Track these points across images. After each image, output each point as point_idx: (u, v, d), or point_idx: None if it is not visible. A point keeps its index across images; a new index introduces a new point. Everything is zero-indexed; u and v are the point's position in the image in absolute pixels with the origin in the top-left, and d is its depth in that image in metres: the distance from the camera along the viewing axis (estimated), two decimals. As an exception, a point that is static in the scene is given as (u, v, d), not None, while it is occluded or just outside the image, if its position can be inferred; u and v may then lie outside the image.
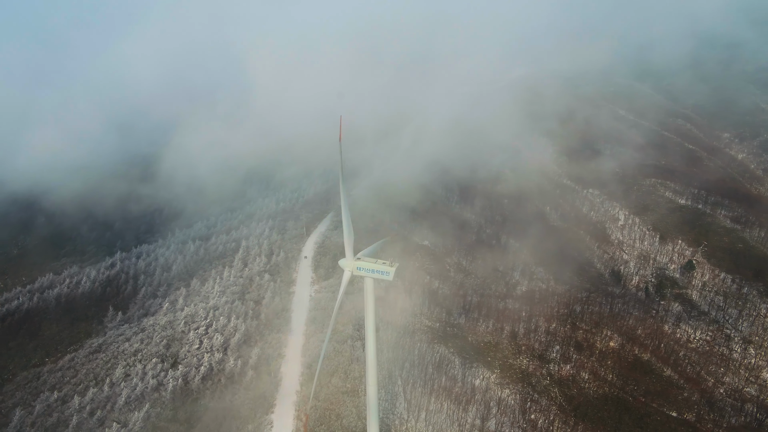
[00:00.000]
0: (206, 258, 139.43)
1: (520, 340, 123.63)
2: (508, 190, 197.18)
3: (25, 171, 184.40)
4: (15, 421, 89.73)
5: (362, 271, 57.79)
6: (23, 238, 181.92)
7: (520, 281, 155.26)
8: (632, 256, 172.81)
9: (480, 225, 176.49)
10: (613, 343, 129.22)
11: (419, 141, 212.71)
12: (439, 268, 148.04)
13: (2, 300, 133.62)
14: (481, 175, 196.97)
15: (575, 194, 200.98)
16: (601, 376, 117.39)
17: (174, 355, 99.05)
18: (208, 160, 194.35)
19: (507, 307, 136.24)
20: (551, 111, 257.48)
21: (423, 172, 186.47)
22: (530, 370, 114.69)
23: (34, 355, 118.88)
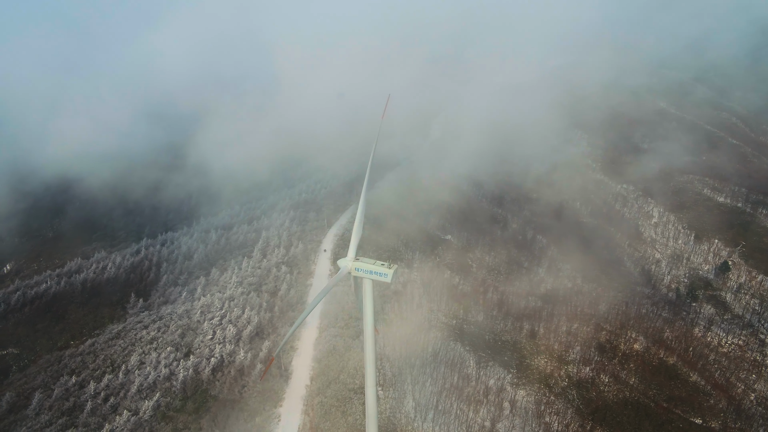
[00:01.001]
0: (227, 247, 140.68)
1: (539, 340, 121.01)
2: (537, 184, 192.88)
3: (57, 159, 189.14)
4: (34, 404, 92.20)
5: (360, 272, 56.48)
6: (58, 222, 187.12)
7: (544, 278, 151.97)
8: (664, 255, 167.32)
9: (506, 219, 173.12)
10: (638, 346, 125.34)
11: (448, 133, 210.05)
12: (461, 263, 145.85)
13: (32, 283, 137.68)
14: (509, 168, 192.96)
15: (608, 189, 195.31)
16: (623, 379, 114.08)
17: (188, 344, 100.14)
18: (236, 149, 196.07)
19: (528, 305, 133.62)
20: (588, 103, 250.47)
21: (450, 165, 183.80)
22: (548, 371, 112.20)
23: (59, 338, 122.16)
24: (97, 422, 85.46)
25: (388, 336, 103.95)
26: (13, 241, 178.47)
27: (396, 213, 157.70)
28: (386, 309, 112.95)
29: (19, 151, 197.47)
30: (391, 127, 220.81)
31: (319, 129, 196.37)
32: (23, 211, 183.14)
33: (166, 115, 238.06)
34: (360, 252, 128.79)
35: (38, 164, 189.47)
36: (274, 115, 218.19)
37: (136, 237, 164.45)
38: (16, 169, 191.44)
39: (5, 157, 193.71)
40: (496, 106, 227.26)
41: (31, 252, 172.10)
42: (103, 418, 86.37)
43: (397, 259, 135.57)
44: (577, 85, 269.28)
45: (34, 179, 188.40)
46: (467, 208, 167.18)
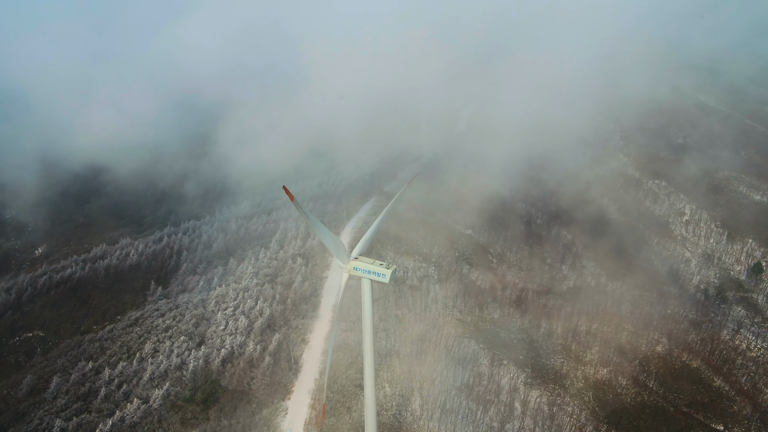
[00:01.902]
0: (246, 237, 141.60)
1: (556, 339, 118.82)
2: (565, 179, 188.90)
3: (85, 149, 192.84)
4: (52, 388, 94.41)
5: (358, 272, 55.64)
6: (88, 207, 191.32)
7: (567, 276, 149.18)
8: (695, 254, 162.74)
9: (531, 214, 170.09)
10: (660, 348, 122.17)
11: (475, 127, 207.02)
12: (481, 258, 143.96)
13: (59, 267, 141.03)
14: (536, 162, 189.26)
15: (639, 185, 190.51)
16: (642, 382, 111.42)
17: (201, 334, 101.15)
18: (260, 139, 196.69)
19: (548, 302, 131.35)
20: (625, 96, 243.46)
21: (475, 159, 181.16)
22: (564, 372, 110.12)
23: (82, 322, 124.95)
24: (109, 408, 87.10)
25: (400, 332, 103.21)
26: (45, 225, 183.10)
27: (416, 206, 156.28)
28: (400, 304, 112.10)
29: (47, 140, 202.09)
30: (416, 118, 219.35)
31: (344, 121, 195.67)
32: (54, 197, 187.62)
33: (193, 105, 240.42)
34: (378, 244, 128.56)
35: (66, 153, 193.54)
36: (299, 106, 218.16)
37: (161, 224, 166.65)
38: (45, 157, 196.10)
39: (35, 145, 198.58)
40: (525, 99, 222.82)
41: (62, 236, 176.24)
42: (116, 404, 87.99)
43: (415, 253, 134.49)
44: (616, 78, 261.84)
45: (63, 167, 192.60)
46: (490, 203, 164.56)
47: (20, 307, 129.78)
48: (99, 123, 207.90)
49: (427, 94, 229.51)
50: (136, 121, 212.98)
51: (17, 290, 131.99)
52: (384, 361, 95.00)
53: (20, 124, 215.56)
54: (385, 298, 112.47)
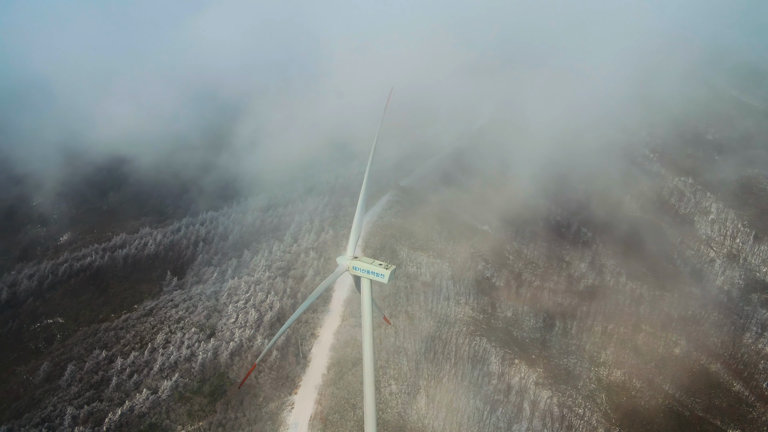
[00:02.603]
0: (261, 230, 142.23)
1: (570, 339, 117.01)
2: (587, 174, 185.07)
3: (106, 141, 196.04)
4: (66, 375, 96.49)
5: (357, 271, 55.32)
6: (112, 196, 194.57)
7: (586, 274, 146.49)
8: (719, 254, 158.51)
9: (550, 210, 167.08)
10: (678, 350, 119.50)
11: (497, 121, 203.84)
12: (497, 254, 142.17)
13: (80, 255, 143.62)
14: (557, 157, 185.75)
15: (664, 182, 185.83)
16: (657, 384, 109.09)
17: (212, 326, 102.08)
18: (280, 132, 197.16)
19: (564, 301, 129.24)
20: (654, 89, 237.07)
21: (494, 153, 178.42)
22: (577, 372, 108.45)
23: (101, 310, 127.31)
24: (120, 397, 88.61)
25: (409, 328, 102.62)
26: (70, 213, 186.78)
27: (431, 201, 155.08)
28: (411, 300, 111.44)
29: (70, 131, 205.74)
30: (436, 112, 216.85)
31: (363, 114, 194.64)
32: (78, 187, 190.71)
33: (212, 98, 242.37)
34: (392, 239, 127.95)
35: (89, 144, 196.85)
36: (318, 99, 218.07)
37: (181, 215, 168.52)
38: (69, 147, 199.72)
39: (59, 136, 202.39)
40: (549, 94, 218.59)
41: (86, 224, 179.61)
42: (126, 394, 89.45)
43: (429, 248, 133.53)
44: (647, 73, 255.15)
45: (86, 157, 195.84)
46: (510, 199, 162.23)
47: (42, 293, 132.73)
48: (120, 115, 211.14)
49: (447, 89, 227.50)
50: (157, 114, 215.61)
51: (39, 277, 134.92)
52: (392, 359, 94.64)
53: (44, 115, 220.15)
54: (396, 294, 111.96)
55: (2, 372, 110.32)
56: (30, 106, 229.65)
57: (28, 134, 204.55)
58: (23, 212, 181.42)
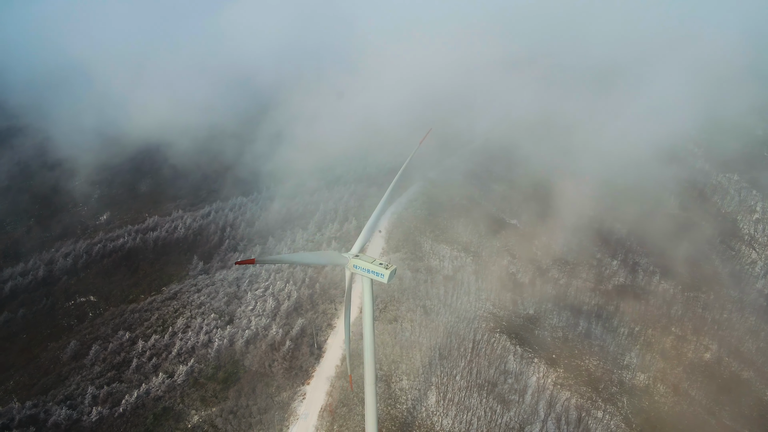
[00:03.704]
0: (287, 217, 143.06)
1: (594, 339, 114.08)
2: (623, 168, 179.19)
3: (146, 126, 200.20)
4: (91, 355, 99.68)
5: (358, 270, 54.70)
6: (150, 179, 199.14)
7: (617, 272, 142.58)
8: (762, 256, 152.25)
9: (583, 205, 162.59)
10: (708, 355, 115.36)
11: (531, 112, 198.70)
12: (525, 250, 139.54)
13: (114, 236, 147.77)
14: (594, 146, 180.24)
15: (706, 179, 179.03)
16: (683, 390, 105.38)
17: (231, 313, 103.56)
18: (314, 120, 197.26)
19: (590, 300, 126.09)
20: (705, 81, 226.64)
21: (526, 145, 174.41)
22: (598, 374, 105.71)
23: (130, 291, 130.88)
24: (138, 380, 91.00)
25: (426, 323, 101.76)
26: (110, 193, 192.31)
27: (460, 193, 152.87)
28: (431, 294, 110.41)
29: (107, 117, 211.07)
30: (467, 102, 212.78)
31: (396, 104, 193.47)
32: (117, 169, 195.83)
33: (247, 86, 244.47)
34: (416, 231, 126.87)
35: (126, 130, 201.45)
36: (352, 88, 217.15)
37: (214, 199, 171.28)
38: (106, 132, 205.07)
39: (96, 122, 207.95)
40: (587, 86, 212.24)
41: (123, 205, 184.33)
42: (145, 376, 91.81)
43: (453, 241, 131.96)
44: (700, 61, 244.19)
45: (124, 142, 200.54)
46: (541, 191, 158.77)
47: (76, 272, 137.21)
48: (157, 102, 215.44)
49: (483, 80, 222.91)
50: (192, 102, 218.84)
51: (74, 256, 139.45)
52: (406, 353, 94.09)
53: (83, 101, 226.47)
54: (416, 287, 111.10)
55: (35, 347, 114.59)
56: (69, 91, 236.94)
57: (68, 119, 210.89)
58: (65, 192, 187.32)
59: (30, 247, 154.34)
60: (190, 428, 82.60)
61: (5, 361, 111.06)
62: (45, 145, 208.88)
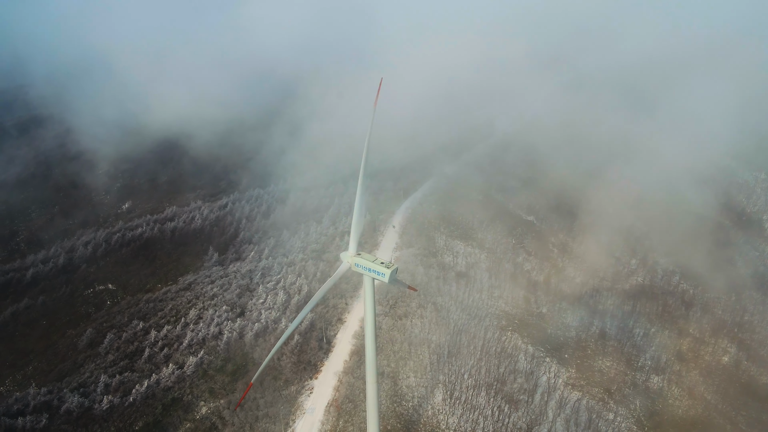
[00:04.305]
0: (302, 210, 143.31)
1: (608, 340, 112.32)
2: (646, 165, 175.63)
3: (166, 119, 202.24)
4: (105, 343, 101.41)
5: (359, 268, 54.55)
6: (171, 169, 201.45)
7: (636, 271, 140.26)
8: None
9: (602, 202, 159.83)
10: (726, 358, 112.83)
11: (552, 107, 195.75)
12: (541, 247, 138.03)
13: (133, 225, 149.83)
14: (616, 146, 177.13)
15: (731, 177, 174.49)
16: (699, 394, 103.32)
17: (242, 305, 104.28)
18: (332, 113, 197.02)
19: (606, 300, 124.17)
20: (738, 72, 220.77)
21: (545, 140, 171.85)
22: (611, 375, 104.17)
23: (147, 281, 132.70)
24: (149, 369, 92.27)
25: (436, 320, 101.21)
26: (132, 183, 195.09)
27: (476, 188, 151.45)
28: (443, 291, 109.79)
29: (130, 108, 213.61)
30: (491, 98, 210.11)
31: (417, 97, 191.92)
32: (139, 159, 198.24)
33: (268, 79, 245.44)
34: (430, 226, 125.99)
35: (148, 121, 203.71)
36: (371, 81, 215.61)
37: (232, 190, 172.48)
38: (129, 123, 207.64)
39: (119, 113, 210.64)
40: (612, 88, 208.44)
41: (145, 195, 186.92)
42: (156, 366, 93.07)
43: (468, 237, 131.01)
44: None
45: (146, 133, 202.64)
46: (560, 188, 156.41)
47: (96, 260, 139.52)
48: (179, 94, 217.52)
49: (504, 77, 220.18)
50: (213, 95, 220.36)
51: (94, 245, 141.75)
52: (414, 350, 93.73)
53: (106, 91, 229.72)
54: (427, 283, 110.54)
55: (54, 334, 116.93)
56: (91, 83, 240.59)
57: (90, 110, 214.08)
58: (88, 182, 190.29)
59: (53, 234, 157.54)
60: (198, 419, 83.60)
61: (25, 346, 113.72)
62: (68, 135, 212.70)
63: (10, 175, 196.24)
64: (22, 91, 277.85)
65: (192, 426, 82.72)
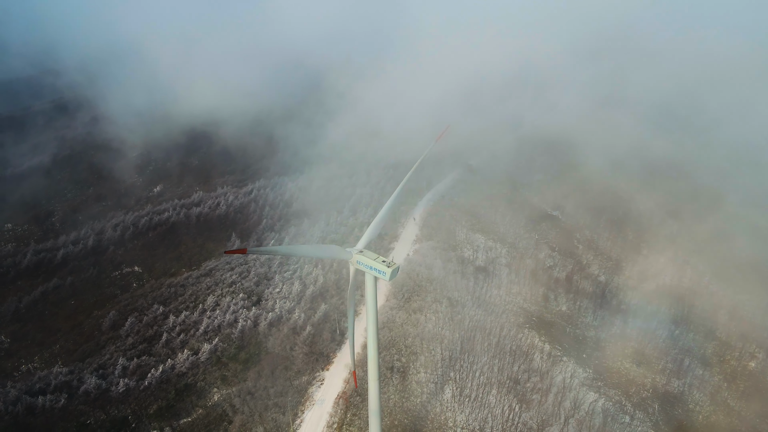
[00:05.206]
0: (324, 199, 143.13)
1: (628, 341, 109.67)
2: (681, 158, 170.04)
3: (196, 107, 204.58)
4: (126, 326, 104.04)
5: (361, 266, 54.33)
6: (202, 153, 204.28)
7: (664, 270, 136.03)
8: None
9: (632, 197, 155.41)
10: (754, 364, 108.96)
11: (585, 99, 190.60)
12: (565, 243, 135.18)
13: (160, 209, 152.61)
14: (650, 137, 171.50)
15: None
16: (721, 400, 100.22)
17: (259, 294, 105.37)
18: (360, 103, 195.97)
19: (630, 299, 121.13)
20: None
21: (575, 134, 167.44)
22: (630, 377, 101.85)
23: (172, 265, 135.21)
24: (166, 354, 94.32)
25: (450, 315, 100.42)
26: (164, 166, 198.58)
27: (500, 182, 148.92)
28: (459, 286, 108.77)
29: (158, 97, 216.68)
30: (517, 88, 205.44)
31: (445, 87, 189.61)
32: (171, 144, 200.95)
33: (300, 69, 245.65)
34: (452, 219, 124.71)
35: (179, 107, 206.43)
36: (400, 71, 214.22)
37: (259, 177, 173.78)
38: (157, 109, 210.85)
39: (148, 100, 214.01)
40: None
41: (176, 178, 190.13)
42: (172, 351, 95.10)
43: (490, 231, 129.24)
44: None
45: (178, 119, 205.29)
46: (587, 183, 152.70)
47: (123, 243, 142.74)
48: (211, 82, 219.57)
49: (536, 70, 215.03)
50: (244, 84, 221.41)
51: (122, 228, 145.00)
52: (426, 346, 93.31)
53: (141, 77, 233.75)
54: (444, 278, 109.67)
55: (81, 314, 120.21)
56: (124, 69, 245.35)
57: (124, 96, 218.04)
58: (121, 165, 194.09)
59: (86, 215, 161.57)
60: (210, 406, 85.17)
61: (53, 325, 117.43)
62: (102, 120, 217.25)
63: (48, 155, 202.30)
64: (56, 76, 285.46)
65: (203, 412, 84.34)
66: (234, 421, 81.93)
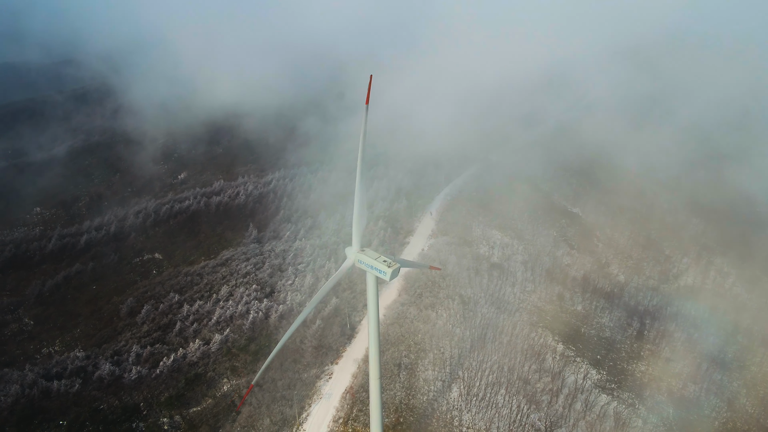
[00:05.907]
0: (342, 192, 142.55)
1: (645, 343, 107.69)
2: (708, 157, 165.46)
3: (222, 98, 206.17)
4: (142, 314, 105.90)
5: (362, 265, 54.15)
6: (226, 143, 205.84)
7: (686, 271, 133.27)
8: None
9: (655, 195, 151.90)
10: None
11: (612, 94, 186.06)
12: (584, 240, 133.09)
13: (182, 197, 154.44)
14: (676, 133, 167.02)
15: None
16: (740, 405, 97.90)
17: (272, 285, 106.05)
18: (383, 97, 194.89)
19: (649, 300, 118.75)
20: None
21: (600, 130, 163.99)
22: (645, 381, 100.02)
23: (191, 253, 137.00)
24: (178, 343, 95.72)
25: (462, 312, 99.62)
26: (188, 154, 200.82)
27: (520, 177, 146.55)
28: (473, 283, 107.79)
29: (182, 89, 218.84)
30: (543, 84, 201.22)
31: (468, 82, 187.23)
32: (195, 133, 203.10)
33: (324, 62, 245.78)
34: (468, 214, 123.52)
35: (203, 100, 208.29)
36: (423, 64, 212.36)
37: (280, 167, 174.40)
38: (183, 99, 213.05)
39: (174, 92, 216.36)
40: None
41: (199, 165, 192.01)
42: (184, 340, 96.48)
43: (507, 227, 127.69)
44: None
45: (202, 110, 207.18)
46: (610, 180, 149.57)
47: (145, 230, 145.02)
48: (235, 74, 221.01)
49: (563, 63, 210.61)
50: (269, 77, 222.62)
51: (144, 215, 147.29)
52: (436, 343, 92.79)
53: (164, 69, 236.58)
54: (458, 274, 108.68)
55: (101, 299, 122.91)
56: (148, 56, 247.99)
57: (151, 85, 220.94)
58: (147, 152, 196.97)
59: (111, 201, 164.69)
60: (219, 396, 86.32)
61: (74, 309, 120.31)
62: (128, 109, 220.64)
63: (77, 141, 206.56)
64: (78, 67, 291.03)
65: (212, 402, 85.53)
66: (242, 412, 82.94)
